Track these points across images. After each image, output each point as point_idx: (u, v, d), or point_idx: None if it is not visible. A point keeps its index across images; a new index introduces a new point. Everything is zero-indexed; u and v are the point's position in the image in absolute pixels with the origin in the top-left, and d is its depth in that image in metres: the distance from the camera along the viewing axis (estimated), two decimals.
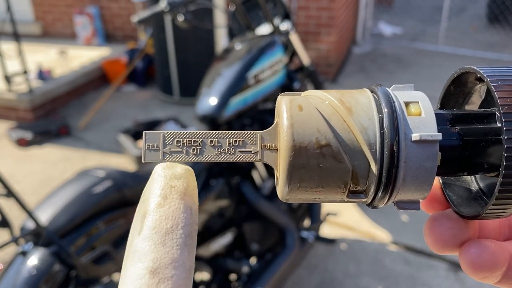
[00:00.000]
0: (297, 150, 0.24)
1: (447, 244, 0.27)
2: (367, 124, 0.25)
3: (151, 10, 1.56)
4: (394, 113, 0.25)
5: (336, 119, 0.25)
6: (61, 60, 4.42)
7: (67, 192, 1.16)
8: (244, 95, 1.47)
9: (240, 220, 1.59)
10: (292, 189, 0.25)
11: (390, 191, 0.25)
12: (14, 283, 0.99)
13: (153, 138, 0.27)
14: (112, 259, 1.16)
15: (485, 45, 5.42)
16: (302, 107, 0.26)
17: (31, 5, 5.31)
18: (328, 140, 0.25)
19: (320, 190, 0.26)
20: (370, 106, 0.26)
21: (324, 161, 0.25)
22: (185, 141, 0.27)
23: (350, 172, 0.25)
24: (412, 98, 0.26)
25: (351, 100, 0.26)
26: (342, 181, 0.25)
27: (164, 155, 0.27)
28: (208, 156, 0.27)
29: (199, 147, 0.27)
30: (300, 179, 0.25)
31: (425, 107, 0.25)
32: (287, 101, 0.26)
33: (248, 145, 0.27)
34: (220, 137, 0.27)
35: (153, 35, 3.92)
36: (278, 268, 1.56)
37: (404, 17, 6.73)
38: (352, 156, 0.25)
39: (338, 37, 4.33)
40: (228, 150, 0.27)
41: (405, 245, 2.19)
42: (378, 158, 0.25)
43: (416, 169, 0.25)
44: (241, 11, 1.64)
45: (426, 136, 0.24)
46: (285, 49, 1.73)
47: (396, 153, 0.24)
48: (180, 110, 3.78)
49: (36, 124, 3.46)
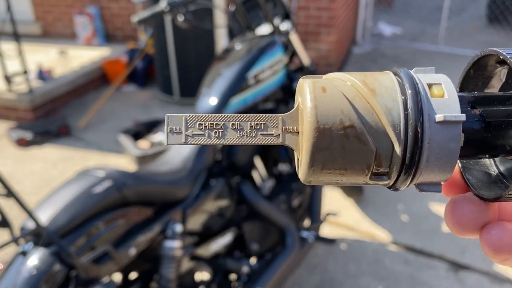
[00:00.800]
0: (321, 132, 0.25)
1: (467, 227, 0.27)
2: (391, 106, 0.25)
3: (151, 10, 1.56)
4: (418, 95, 0.25)
5: (359, 101, 0.25)
6: (61, 60, 4.42)
7: (67, 192, 1.16)
8: (244, 95, 1.47)
9: (240, 220, 1.59)
10: (315, 171, 0.26)
11: (413, 173, 0.25)
12: (14, 283, 0.99)
13: (176, 121, 0.27)
14: (112, 259, 1.16)
15: (485, 45, 5.40)
16: (326, 89, 0.26)
17: (31, 5, 5.31)
18: (352, 122, 0.25)
19: (343, 172, 0.26)
20: (393, 87, 0.26)
21: (347, 142, 0.25)
22: (207, 124, 0.27)
23: (374, 153, 0.25)
24: (435, 80, 0.26)
25: (374, 81, 0.26)
26: (365, 162, 0.25)
27: (186, 138, 0.27)
28: (230, 139, 0.27)
29: (221, 130, 0.27)
30: (324, 161, 0.25)
31: (448, 89, 0.26)
32: (310, 83, 0.26)
33: (269, 128, 0.27)
34: (242, 120, 0.27)
35: (153, 35, 3.92)
36: (278, 268, 1.56)
37: (404, 17, 6.73)
38: (376, 137, 0.25)
39: (338, 37, 4.33)
40: (249, 133, 0.27)
41: (405, 245, 2.19)
42: (402, 139, 0.25)
43: (439, 150, 0.25)
44: (241, 11, 1.64)
45: (450, 117, 0.24)
46: (285, 49, 1.73)
47: (420, 134, 0.24)
48: (180, 110, 3.78)
49: (36, 124, 3.46)
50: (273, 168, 1.79)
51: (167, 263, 1.29)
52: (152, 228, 1.27)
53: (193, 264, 1.48)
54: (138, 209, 1.25)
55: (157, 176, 1.35)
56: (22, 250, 1.07)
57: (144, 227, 1.26)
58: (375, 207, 2.47)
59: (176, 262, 1.30)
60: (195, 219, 1.42)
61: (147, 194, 1.29)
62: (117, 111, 3.83)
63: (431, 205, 2.48)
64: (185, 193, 1.38)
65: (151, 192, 1.30)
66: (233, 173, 1.56)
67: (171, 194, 1.34)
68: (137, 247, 1.23)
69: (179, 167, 1.41)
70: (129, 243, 1.21)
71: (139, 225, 1.26)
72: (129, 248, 1.21)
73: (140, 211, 1.26)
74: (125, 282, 1.37)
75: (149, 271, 1.39)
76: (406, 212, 2.43)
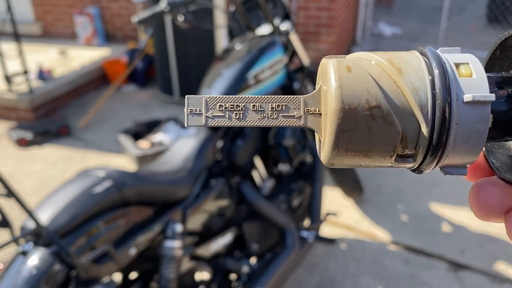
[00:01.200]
0: (346, 112, 0.24)
1: (493, 211, 0.27)
2: (418, 85, 0.24)
3: (151, 10, 1.56)
4: (445, 74, 0.24)
5: (385, 80, 0.25)
6: (61, 60, 4.42)
7: (67, 192, 1.16)
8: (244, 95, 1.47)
9: (240, 220, 1.59)
10: (339, 153, 0.25)
11: (440, 155, 0.25)
12: (14, 283, 0.99)
13: (196, 103, 0.27)
14: (112, 259, 1.16)
15: (485, 45, 5.41)
16: (351, 68, 0.25)
17: (31, 5, 5.31)
18: (378, 101, 0.24)
19: (368, 154, 0.25)
20: (420, 66, 0.25)
21: (373, 123, 0.24)
22: (227, 106, 0.27)
23: (400, 134, 0.24)
24: (462, 60, 0.25)
25: (400, 60, 0.25)
26: (391, 144, 0.24)
27: (206, 120, 0.27)
28: (251, 121, 0.27)
29: (242, 112, 0.27)
30: (348, 142, 0.24)
31: (476, 69, 0.25)
32: (334, 62, 0.26)
33: (291, 110, 0.27)
34: (263, 102, 0.27)
35: (153, 35, 3.92)
36: (278, 268, 1.56)
37: (403, 18, 6.73)
38: (402, 118, 0.24)
39: (338, 37, 4.33)
40: (271, 114, 0.27)
41: (405, 245, 2.19)
42: (429, 120, 0.24)
43: (467, 131, 0.24)
44: (241, 11, 1.65)
45: (478, 97, 0.23)
46: (285, 49, 1.73)
47: (448, 114, 0.24)
48: (180, 110, 3.78)
49: (36, 124, 3.46)
50: (273, 168, 1.79)
51: (167, 263, 1.29)
52: (152, 228, 1.27)
53: (193, 264, 1.48)
54: (138, 209, 1.25)
55: (157, 176, 1.35)
56: (22, 250, 1.07)
57: (144, 227, 1.26)
58: (375, 207, 2.47)
59: (176, 262, 1.30)
60: (195, 219, 1.42)
61: (147, 194, 1.29)
62: (117, 111, 3.83)
63: (431, 205, 2.48)
64: (185, 193, 1.38)
65: (151, 192, 1.30)
66: (233, 173, 1.56)
67: (171, 194, 1.34)
68: (137, 247, 1.24)
69: (179, 167, 1.41)
70: (129, 243, 1.21)
71: (139, 225, 1.26)
72: (129, 248, 1.21)
73: (140, 211, 1.26)
74: (125, 282, 1.37)
75: (149, 271, 1.39)
76: (406, 212, 2.43)
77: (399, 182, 2.69)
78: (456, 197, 2.55)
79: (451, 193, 2.59)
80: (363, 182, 2.57)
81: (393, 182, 2.70)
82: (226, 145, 1.55)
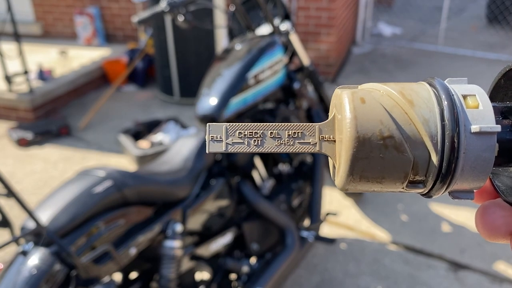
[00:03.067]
0: (361, 142, 0.25)
1: (498, 232, 0.28)
2: (428, 116, 0.26)
3: (152, 10, 1.56)
4: (454, 106, 0.26)
5: (397, 111, 0.26)
6: (61, 60, 4.42)
7: (68, 192, 1.16)
8: (244, 95, 1.48)
9: (240, 220, 1.59)
10: (353, 179, 0.26)
11: (449, 181, 0.26)
12: (14, 283, 1.00)
13: (216, 130, 0.29)
14: (112, 259, 1.16)
15: (485, 45, 5.42)
16: (365, 100, 0.26)
17: (32, 5, 5.31)
18: (391, 132, 0.25)
19: (381, 181, 0.26)
20: (430, 98, 0.26)
21: (386, 152, 0.25)
22: (246, 133, 0.28)
23: (411, 162, 0.26)
24: (469, 91, 0.27)
25: (411, 92, 0.27)
26: (403, 171, 0.26)
27: (227, 146, 0.28)
28: (269, 147, 0.28)
29: (260, 139, 0.28)
30: (363, 170, 0.26)
31: (483, 100, 0.26)
32: (349, 93, 0.27)
33: (306, 137, 0.28)
34: (280, 129, 0.28)
35: (154, 36, 3.93)
36: (278, 268, 1.56)
37: (403, 18, 6.73)
38: (414, 147, 0.26)
39: (338, 37, 4.33)
40: (287, 141, 0.28)
41: (404, 245, 2.20)
42: (439, 149, 0.25)
43: (474, 160, 0.25)
44: (241, 11, 1.65)
45: (485, 128, 0.25)
46: (285, 50, 1.73)
47: (456, 144, 0.25)
48: (180, 110, 3.79)
49: (37, 124, 3.47)
50: (273, 168, 1.79)
51: (167, 263, 1.29)
52: (152, 228, 1.28)
53: (193, 263, 1.48)
54: (138, 209, 1.25)
55: (158, 176, 1.35)
56: (23, 250, 1.08)
57: (144, 227, 1.26)
58: (375, 207, 2.47)
59: (176, 262, 1.31)
60: (195, 219, 1.42)
61: (148, 194, 1.29)
62: (117, 111, 3.83)
63: (431, 205, 2.48)
64: (185, 193, 1.38)
65: (151, 192, 1.30)
66: (233, 173, 1.56)
67: (171, 194, 1.34)
68: (137, 247, 1.24)
69: (179, 167, 1.41)
70: (129, 243, 1.21)
71: (139, 225, 1.26)
72: (129, 248, 1.21)
73: (140, 211, 1.26)
74: (125, 281, 1.38)
75: (149, 271, 1.40)
76: (406, 212, 2.43)
77: None
78: None
79: None
80: None
81: None
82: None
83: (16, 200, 1.07)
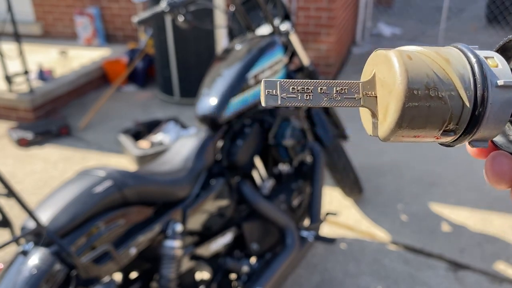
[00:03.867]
0: (412, 92, 0.29)
1: (505, 177, 0.32)
2: (463, 72, 0.30)
3: (152, 10, 1.57)
4: (481, 64, 0.30)
5: (437, 68, 0.30)
6: (61, 60, 4.42)
7: (68, 192, 1.16)
8: (244, 95, 1.48)
9: (240, 220, 1.59)
10: (401, 127, 0.29)
11: (475, 130, 0.30)
12: (14, 283, 1.00)
13: (271, 85, 0.31)
14: (112, 259, 1.16)
15: (485, 46, 5.38)
16: (411, 57, 0.30)
17: (32, 5, 5.31)
18: (435, 84, 0.29)
19: (424, 129, 0.30)
20: (461, 58, 0.31)
21: (432, 101, 0.29)
22: (299, 88, 0.31)
23: (450, 112, 0.29)
24: (488, 54, 0.31)
25: (445, 52, 0.31)
26: (442, 119, 0.30)
27: (282, 100, 0.31)
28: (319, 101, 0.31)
29: (311, 94, 0.31)
30: (411, 119, 0.29)
31: (500, 61, 0.31)
32: (396, 52, 0.30)
33: (352, 93, 0.32)
34: (329, 85, 0.31)
35: (154, 36, 3.93)
36: (278, 268, 1.56)
37: (403, 18, 6.73)
38: (451, 98, 0.29)
39: (338, 37, 4.33)
40: (335, 96, 0.31)
41: (404, 245, 2.20)
42: (472, 101, 0.29)
43: (497, 110, 0.30)
44: (241, 11, 1.65)
45: (508, 82, 0.29)
46: (285, 50, 1.74)
47: (486, 96, 0.29)
48: (180, 110, 3.79)
49: (37, 124, 3.47)
50: (273, 168, 1.80)
51: (167, 263, 1.29)
52: (153, 227, 1.28)
53: (193, 263, 1.48)
54: (138, 209, 1.25)
55: (158, 176, 1.35)
56: (23, 250, 1.08)
57: (145, 227, 1.26)
58: (375, 207, 2.47)
59: (176, 262, 1.31)
60: (195, 218, 1.42)
61: (148, 194, 1.29)
62: (118, 111, 3.83)
63: (431, 205, 2.49)
64: (185, 193, 1.38)
65: (151, 192, 1.30)
66: (233, 173, 1.56)
67: (171, 194, 1.34)
68: (137, 246, 1.24)
69: (179, 167, 1.41)
70: (130, 243, 1.21)
71: (140, 225, 1.26)
72: (130, 248, 1.21)
73: (141, 211, 1.26)
74: (125, 281, 1.38)
75: (149, 271, 1.40)
76: (406, 212, 2.43)
77: (398, 182, 2.70)
78: (456, 196, 2.55)
79: (450, 192, 2.59)
80: (363, 181, 2.57)
81: (393, 181, 2.70)
82: (226, 145, 1.55)
83: (16, 200, 1.07)
